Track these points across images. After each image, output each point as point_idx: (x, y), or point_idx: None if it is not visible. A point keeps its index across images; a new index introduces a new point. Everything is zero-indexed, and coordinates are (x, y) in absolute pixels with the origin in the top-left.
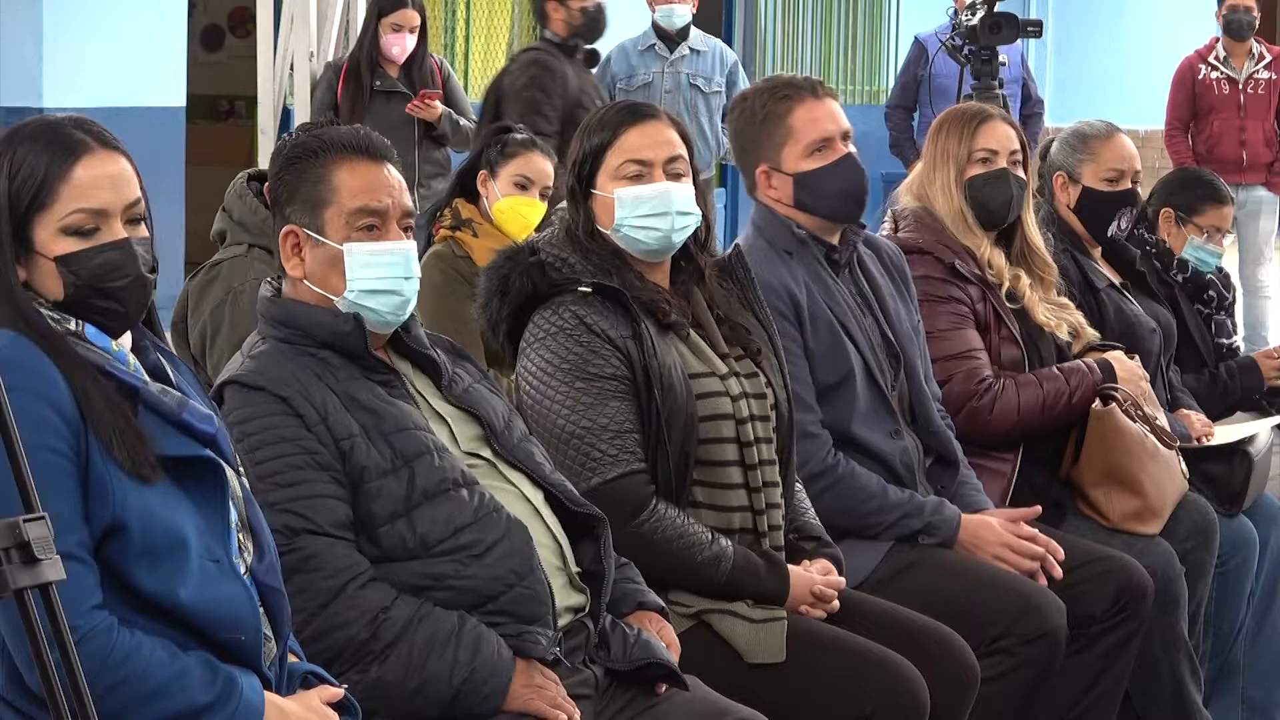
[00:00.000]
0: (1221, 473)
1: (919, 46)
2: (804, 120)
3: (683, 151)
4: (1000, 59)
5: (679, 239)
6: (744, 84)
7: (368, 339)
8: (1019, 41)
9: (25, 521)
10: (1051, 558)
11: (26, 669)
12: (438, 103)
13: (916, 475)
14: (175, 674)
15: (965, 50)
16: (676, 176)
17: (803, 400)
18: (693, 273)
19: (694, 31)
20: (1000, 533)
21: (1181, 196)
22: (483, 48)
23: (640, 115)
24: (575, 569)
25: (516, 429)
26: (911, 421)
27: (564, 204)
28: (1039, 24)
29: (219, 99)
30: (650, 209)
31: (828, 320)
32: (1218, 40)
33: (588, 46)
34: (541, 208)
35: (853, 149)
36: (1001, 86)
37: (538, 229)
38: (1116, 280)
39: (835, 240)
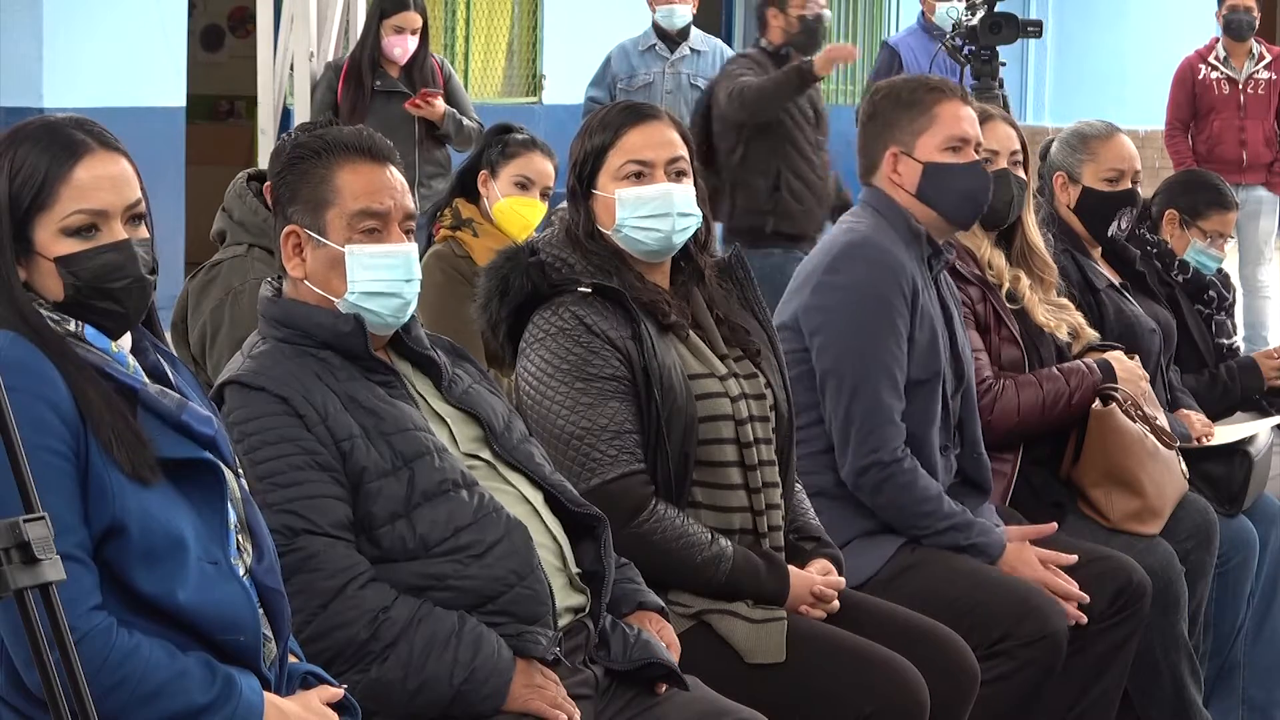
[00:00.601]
0: (1221, 473)
1: (889, 51)
2: (949, 114)
3: (684, 152)
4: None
5: (679, 240)
6: None
7: (368, 340)
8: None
9: (25, 521)
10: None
11: (26, 669)
12: (440, 102)
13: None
14: (174, 674)
15: (965, 50)
16: (678, 177)
17: (895, 385)
18: (693, 273)
19: (694, 32)
20: (1039, 569)
21: (1186, 199)
22: (483, 48)
23: (642, 116)
24: (575, 569)
25: (516, 430)
26: (958, 442)
27: (564, 204)
28: (1039, 24)
29: (219, 99)
30: (651, 210)
31: (930, 318)
32: (1218, 40)
33: (804, 59)
34: (542, 208)
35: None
36: (1002, 86)
37: (538, 229)
38: (1116, 280)
39: (941, 243)
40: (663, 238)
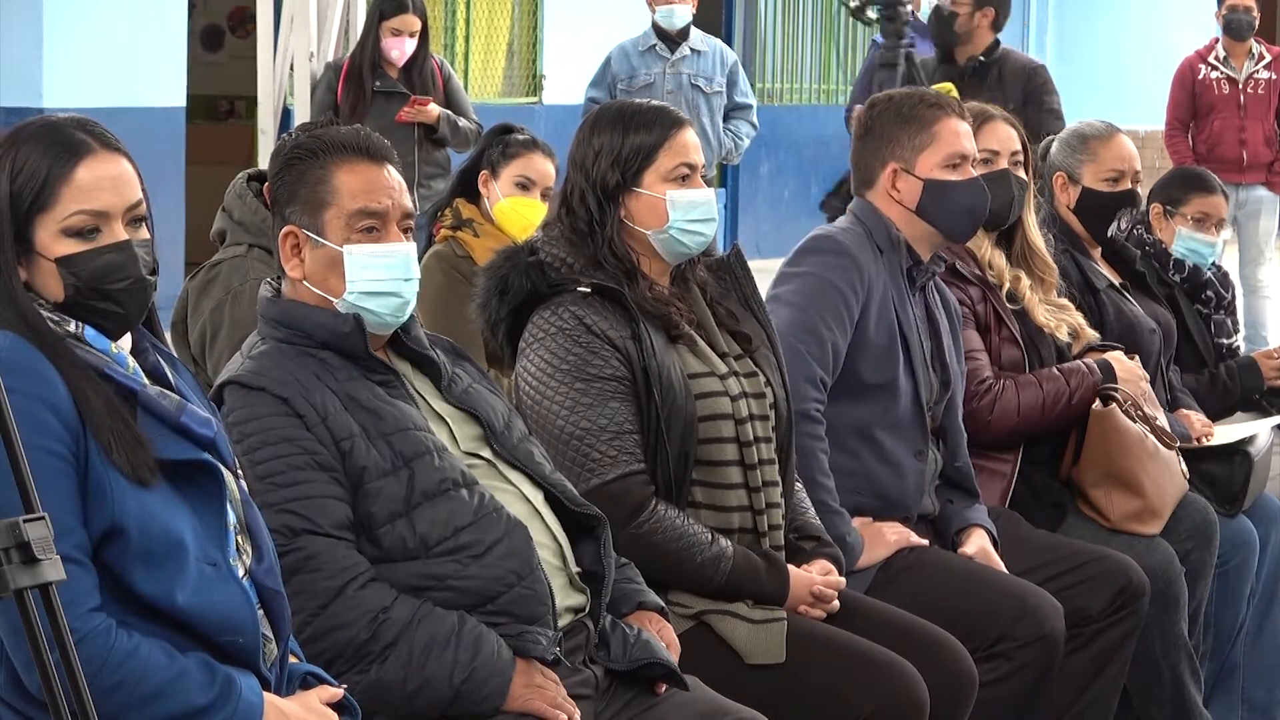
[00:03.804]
0: (1221, 473)
1: (878, 48)
2: (949, 132)
3: None
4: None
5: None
6: (744, 84)
7: (367, 339)
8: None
9: (25, 522)
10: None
11: (26, 670)
12: (433, 105)
13: (927, 493)
14: (174, 675)
15: None
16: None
17: (824, 354)
18: (689, 269)
19: (694, 32)
20: (889, 544)
21: (1165, 192)
22: (483, 48)
23: (682, 120)
24: (575, 569)
25: (516, 429)
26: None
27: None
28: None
29: (219, 99)
30: (701, 214)
31: (890, 324)
32: (1218, 40)
33: None
34: (542, 208)
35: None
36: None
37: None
38: (1116, 281)
39: (926, 258)
40: (704, 241)
